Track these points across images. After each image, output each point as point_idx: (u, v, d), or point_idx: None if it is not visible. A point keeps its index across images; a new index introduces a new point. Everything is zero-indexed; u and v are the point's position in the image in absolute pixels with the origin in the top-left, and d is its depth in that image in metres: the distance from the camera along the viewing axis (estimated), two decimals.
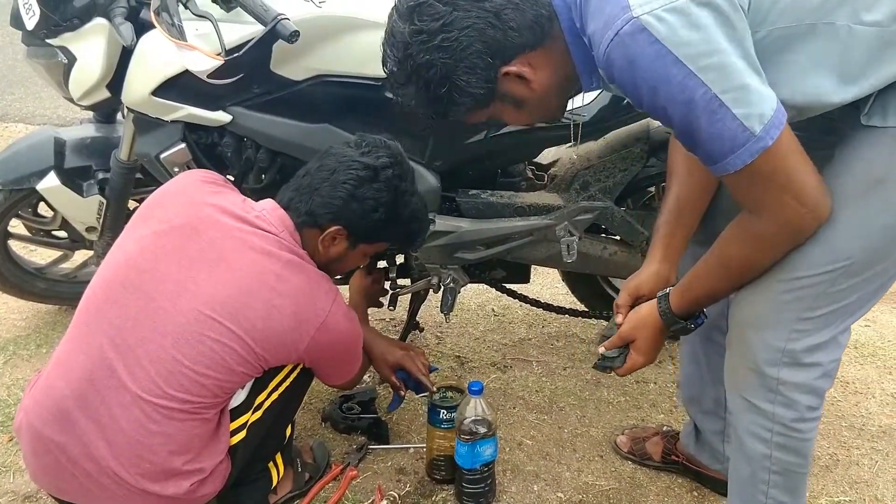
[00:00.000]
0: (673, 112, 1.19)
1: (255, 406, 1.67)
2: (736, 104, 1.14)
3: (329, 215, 1.66)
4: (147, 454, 1.52)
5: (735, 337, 1.48)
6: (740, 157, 1.18)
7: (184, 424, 1.53)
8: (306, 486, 1.96)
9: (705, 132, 1.17)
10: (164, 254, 1.58)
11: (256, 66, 1.91)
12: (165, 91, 1.92)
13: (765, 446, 1.48)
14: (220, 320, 1.52)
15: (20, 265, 2.61)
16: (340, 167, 1.67)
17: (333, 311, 1.63)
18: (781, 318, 1.38)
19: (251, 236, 1.59)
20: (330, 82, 1.97)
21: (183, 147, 2.03)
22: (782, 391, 1.42)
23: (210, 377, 1.52)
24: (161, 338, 1.51)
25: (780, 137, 1.17)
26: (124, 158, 2.17)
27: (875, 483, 2.07)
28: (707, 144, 1.20)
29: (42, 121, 4.74)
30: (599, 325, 2.79)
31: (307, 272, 1.64)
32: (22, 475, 1.98)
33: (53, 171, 2.32)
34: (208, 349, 1.52)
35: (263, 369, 1.62)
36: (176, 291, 1.54)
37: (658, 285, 1.60)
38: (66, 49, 2.02)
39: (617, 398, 2.41)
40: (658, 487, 2.04)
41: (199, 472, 1.58)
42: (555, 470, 2.09)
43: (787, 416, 1.44)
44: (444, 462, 1.99)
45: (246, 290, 1.55)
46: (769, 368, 1.41)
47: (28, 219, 2.54)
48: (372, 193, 1.66)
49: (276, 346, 1.59)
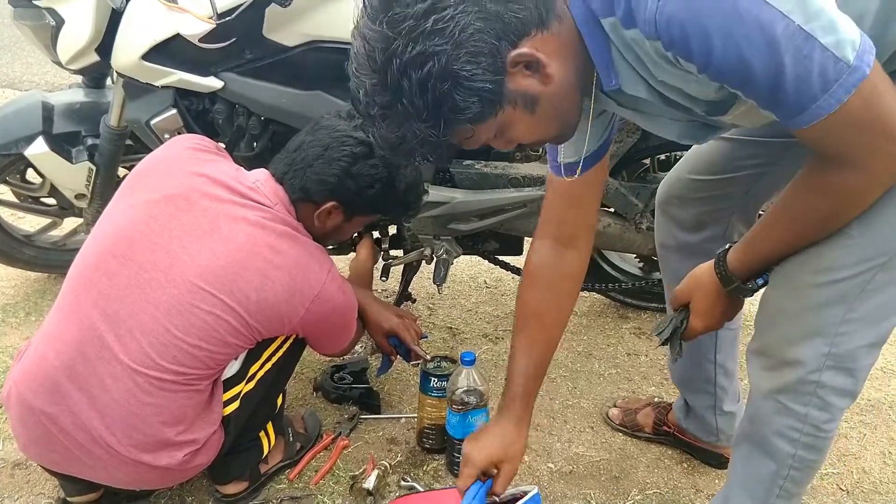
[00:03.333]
0: (753, 59, 0.98)
1: (249, 377, 1.67)
2: (824, 32, 0.96)
3: (325, 192, 1.65)
4: (140, 425, 1.51)
5: (772, 344, 1.41)
6: (834, 96, 0.99)
7: (176, 395, 1.52)
8: (297, 455, 1.96)
9: (792, 75, 0.98)
10: (155, 224, 1.55)
11: (248, 30, 1.88)
12: (156, 55, 1.90)
13: (791, 446, 1.43)
14: (212, 292, 1.51)
15: (8, 232, 2.58)
16: (334, 143, 1.65)
17: (328, 283, 1.62)
18: (824, 323, 1.31)
19: (244, 208, 1.57)
20: (323, 48, 1.95)
21: (174, 113, 2.01)
22: (820, 394, 1.36)
23: (203, 349, 1.51)
24: (153, 309, 1.50)
25: (875, 66, 0.99)
26: (114, 124, 2.14)
27: (863, 455, 2.09)
28: (794, 91, 1.00)
29: (30, 86, 4.68)
30: (591, 297, 2.79)
31: (302, 244, 1.62)
32: (11, 443, 1.97)
33: (42, 137, 2.29)
34: (201, 321, 1.50)
35: (257, 340, 1.61)
36: (168, 262, 1.52)
37: (521, 452, 1.57)
38: (54, 11, 1.98)
39: (608, 370, 2.42)
40: (648, 459, 2.05)
41: (193, 442, 1.57)
42: (545, 441, 2.10)
43: (819, 418, 1.39)
44: (434, 431, 1.99)
45: (240, 261, 1.53)
46: (811, 374, 1.35)
47: (16, 185, 2.51)
48: (368, 170, 1.65)
49: (270, 318, 1.57)
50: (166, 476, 1.61)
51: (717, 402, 1.90)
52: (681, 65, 1.04)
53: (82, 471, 1.58)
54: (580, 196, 1.51)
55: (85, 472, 1.59)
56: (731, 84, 1.04)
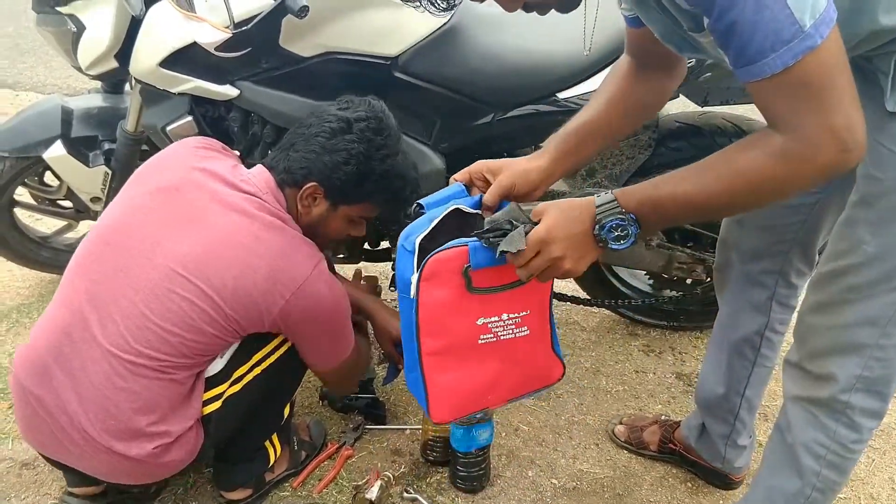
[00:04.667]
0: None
1: (234, 379, 1.64)
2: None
3: (303, 170, 1.63)
4: (113, 410, 1.51)
5: (806, 358, 1.43)
6: (781, 58, 0.98)
7: (150, 383, 1.51)
8: (302, 464, 1.97)
9: (747, 20, 0.97)
10: (145, 212, 1.59)
11: (265, 40, 1.90)
12: (173, 63, 1.92)
13: (817, 463, 1.45)
14: (190, 278, 1.50)
15: (25, 233, 2.63)
16: (316, 121, 1.65)
17: (313, 278, 1.57)
18: (858, 343, 1.33)
19: (233, 198, 1.58)
20: (338, 60, 1.97)
21: (189, 120, 2.03)
22: (849, 414, 1.39)
23: (176, 335, 1.50)
24: (133, 293, 1.51)
25: (829, 39, 0.98)
26: (131, 129, 2.17)
27: (871, 481, 2.07)
28: (745, 37, 0.99)
29: (53, 90, 4.74)
30: (600, 314, 2.78)
31: (287, 234, 1.59)
32: (19, 443, 1.99)
33: (60, 140, 2.32)
34: (176, 306, 1.50)
35: (239, 334, 1.58)
36: (151, 248, 1.54)
37: (535, 184, 1.40)
38: (76, 17, 2.02)
39: (615, 387, 2.41)
40: (652, 477, 2.04)
41: (165, 434, 1.55)
42: (550, 456, 2.09)
43: (847, 437, 1.42)
44: (438, 443, 1.99)
45: (220, 249, 1.52)
46: (843, 394, 1.38)
47: (34, 187, 2.55)
48: (344, 145, 1.62)
49: (247, 308, 1.53)
50: (138, 469, 1.58)
51: (733, 434, 1.89)
52: None
53: (68, 458, 1.60)
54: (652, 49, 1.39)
55: (70, 460, 1.60)
56: (695, 6, 1.03)
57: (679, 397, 2.37)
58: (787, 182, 1.08)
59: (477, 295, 1.30)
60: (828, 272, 1.36)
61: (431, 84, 2.04)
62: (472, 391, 1.39)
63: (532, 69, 2.09)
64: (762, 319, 1.74)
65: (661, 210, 1.15)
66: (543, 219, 1.17)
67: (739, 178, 1.09)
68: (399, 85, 2.02)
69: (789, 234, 1.62)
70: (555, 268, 1.18)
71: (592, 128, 1.45)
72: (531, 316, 1.38)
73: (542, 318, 1.42)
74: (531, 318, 1.38)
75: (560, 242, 1.16)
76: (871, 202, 1.28)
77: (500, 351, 1.37)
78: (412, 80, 2.03)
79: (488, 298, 1.32)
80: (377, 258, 2.42)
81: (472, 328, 1.33)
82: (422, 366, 1.33)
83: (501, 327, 1.35)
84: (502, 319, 1.35)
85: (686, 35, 1.19)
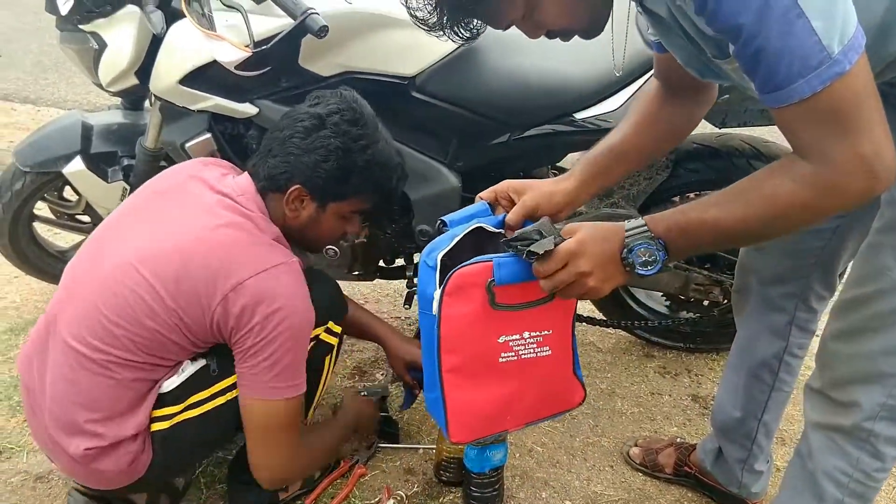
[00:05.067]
0: (742, 16, 0.97)
1: (191, 403, 1.58)
2: (817, 15, 0.94)
3: (285, 175, 1.60)
4: (60, 399, 1.53)
5: (828, 385, 1.42)
6: (809, 84, 0.97)
7: (94, 378, 1.50)
8: (315, 482, 1.96)
9: (774, 47, 0.97)
10: (129, 212, 1.64)
11: (284, 59, 1.92)
12: (193, 80, 1.94)
13: (839, 491, 1.43)
14: (140, 269, 1.49)
15: (44, 247, 2.66)
16: (288, 124, 1.62)
17: (263, 278, 1.48)
18: (882, 372, 1.32)
19: (206, 198, 1.58)
20: (357, 79, 1.98)
21: (208, 137, 2.05)
22: (873, 442, 1.38)
23: (121, 326, 1.49)
24: (94, 286, 1.53)
25: (857, 66, 0.97)
26: (150, 146, 2.18)
27: None
28: (772, 64, 0.98)
29: (74, 106, 4.80)
30: (616, 335, 2.77)
31: (246, 231, 1.54)
32: (34, 456, 1.99)
33: (80, 156, 2.34)
34: (122, 298, 1.49)
35: (185, 335, 1.52)
36: (118, 245, 1.56)
37: (559, 206, 1.40)
38: (98, 35, 2.04)
39: (630, 409, 2.39)
40: (668, 500, 2.01)
41: (98, 437, 1.52)
42: (564, 478, 2.07)
43: (871, 466, 1.40)
44: (452, 464, 1.98)
45: (174, 242, 1.51)
46: (866, 422, 1.36)
47: (53, 202, 2.57)
48: (320, 142, 1.58)
49: (189, 300, 1.48)
50: (80, 471, 1.57)
51: (750, 459, 1.87)
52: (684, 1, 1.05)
53: (47, 451, 1.62)
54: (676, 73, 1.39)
55: (48, 454, 1.62)
56: (721, 33, 1.03)
57: (695, 420, 2.35)
58: (816, 209, 1.06)
59: (500, 311, 1.29)
60: (851, 298, 1.34)
61: (448, 103, 2.05)
62: (492, 412, 1.38)
63: (549, 89, 2.10)
64: (781, 343, 1.72)
65: (688, 235, 1.14)
66: (576, 234, 1.17)
67: (768, 206, 1.08)
68: (416, 104, 2.03)
69: (810, 259, 1.61)
70: (580, 284, 1.17)
71: (620, 152, 1.46)
72: (553, 336, 1.38)
73: (564, 339, 1.42)
74: (553, 339, 1.38)
75: (589, 258, 1.15)
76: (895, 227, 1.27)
77: (521, 371, 1.37)
78: (429, 99, 2.04)
79: (511, 316, 1.32)
80: (392, 275, 2.42)
81: (494, 346, 1.33)
82: (442, 384, 1.32)
83: (523, 345, 1.35)
84: (524, 337, 1.35)
85: (709, 61, 1.19)
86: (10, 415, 2.16)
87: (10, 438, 2.07)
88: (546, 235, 1.18)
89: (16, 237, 2.54)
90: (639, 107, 1.48)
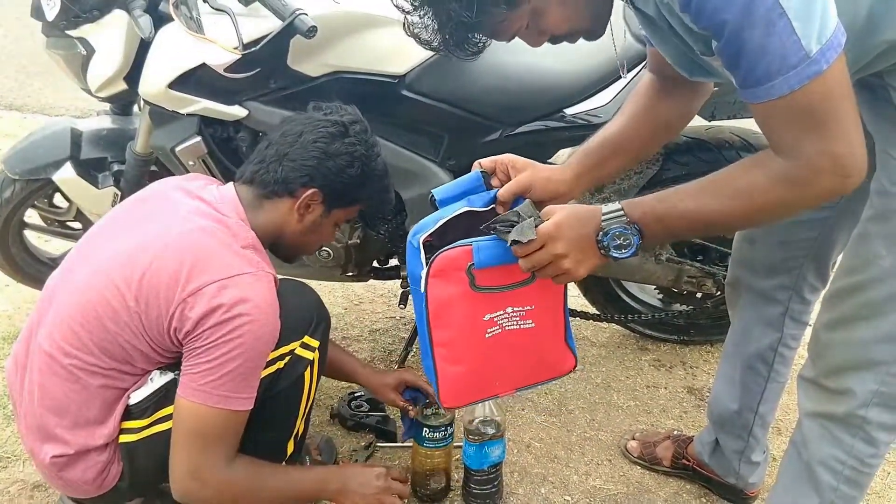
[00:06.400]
0: (726, 12, 1.00)
1: (161, 417, 1.54)
2: (798, 16, 0.97)
3: (304, 178, 1.60)
4: (35, 404, 1.53)
5: (821, 374, 1.43)
6: (787, 82, 1.00)
7: (63, 383, 1.50)
8: None
9: (756, 44, 1.00)
10: (111, 221, 1.65)
11: (273, 60, 1.92)
12: (182, 84, 1.93)
13: (834, 479, 1.45)
14: (109, 273, 1.49)
15: (35, 255, 2.64)
16: (307, 129, 1.62)
17: (224, 285, 1.43)
18: (874, 359, 1.33)
19: (182, 205, 1.57)
20: (346, 79, 1.98)
21: (198, 140, 2.04)
22: (866, 429, 1.39)
23: (86, 329, 1.48)
24: (69, 290, 1.54)
25: (834, 66, 1.00)
26: (140, 151, 2.18)
27: (886, 495, 2.05)
28: (753, 61, 1.01)
29: (61, 112, 4.76)
30: (610, 329, 2.78)
31: (219, 239, 1.51)
32: (31, 464, 1.98)
33: (69, 162, 2.33)
34: (90, 301, 1.49)
35: (145, 340, 1.48)
36: (94, 251, 1.57)
37: (553, 193, 1.41)
38: (85, 40, 2.03)
39: (627, 402, 2.40)
40: (666, 493, 2.02)
41: (65, 444, 1.51)
42: (562, 473, 2.08)
43: (864, 452, 1.41)
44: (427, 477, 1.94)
45: (145, 246, 1.50)
46: (860, 409, 1.37)
47: (44, 209, 2.56)
48: (346, 148, 1.61)
49: (148, 302, 1.45)
50: (51, 478, 1.58)
51: (747, 450, 1.89)
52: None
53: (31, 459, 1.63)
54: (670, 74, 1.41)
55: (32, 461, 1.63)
56: (706, 30, 1.05)
57: (691, 412, 2.36)
58: (787, 204, 1.12)
59: (481, 293, 1.37)
60: (842, 287, 1.35)
61: (439, 102, 2.05)
62: (480, 380, 1.48)
63: (539, 85, 2.10)
64: (775, 335, 1.73)
65: (663, 223, 1.18)
66: (553, 217, 1.21)
67: (740, 199, 1.12)
68: (407, 103, 2.03)
69: (802, 250, 1.62)
70: (555, 266, 1.22)
71: (616, 145, 1.47)
72: (537, 311, 1.45)
73: (551, 311, 1.48)
74: (537, 313, 1.45)
75: (565, 240, 1.20)
76: (886, 216, 1.28)
77: (506, 341, 1.44)
78: (420, 97, 2.04)
79: (493, 296, 1.39)
80: (386, 276, 2.42)
81: (479, 323, 1.41)
82: (433, 355, 1.41)
83: (506, 319, 1.43)
84: (507, 312, 1.43)
85: (698, 59, 1.21)
86: (6, 424, 2.15)
87: (6, 447, 2.06)
88: (525, 218, 1.22)
89: (6, 245, 2.53)
90: (634, 100, 1.50)
